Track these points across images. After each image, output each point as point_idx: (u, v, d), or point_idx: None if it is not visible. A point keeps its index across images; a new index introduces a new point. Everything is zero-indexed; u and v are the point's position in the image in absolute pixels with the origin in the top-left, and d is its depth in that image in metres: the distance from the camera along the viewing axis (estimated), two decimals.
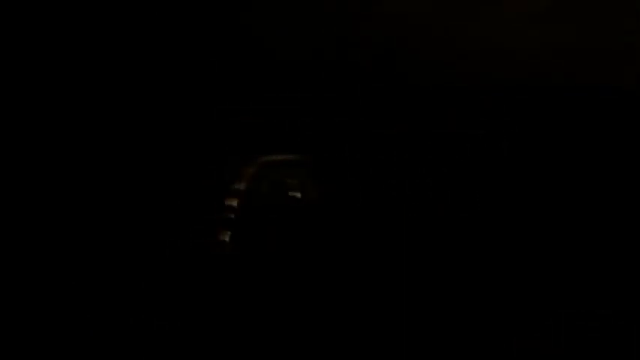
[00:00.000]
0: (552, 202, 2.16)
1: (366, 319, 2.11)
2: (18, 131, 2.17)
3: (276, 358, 2.02)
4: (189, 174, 2.18)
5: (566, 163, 2.17)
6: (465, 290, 2.15)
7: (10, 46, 2.18)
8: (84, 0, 2.17)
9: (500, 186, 2.19)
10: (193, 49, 2.20)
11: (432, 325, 2.13)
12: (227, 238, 2.05)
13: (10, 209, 2.14)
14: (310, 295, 2.06)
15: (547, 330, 2.12)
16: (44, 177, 2.16)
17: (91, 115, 2.19)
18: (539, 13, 2.09)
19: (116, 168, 2.18)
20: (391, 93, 2.22)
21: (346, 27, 2.18)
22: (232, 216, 2.05)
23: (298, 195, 2.08)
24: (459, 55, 2.18)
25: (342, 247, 2.11)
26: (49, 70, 2.19)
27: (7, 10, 2.17)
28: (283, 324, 2.04)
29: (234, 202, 2.06)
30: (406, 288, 2.16)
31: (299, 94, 2.21)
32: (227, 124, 2.19)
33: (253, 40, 2.21)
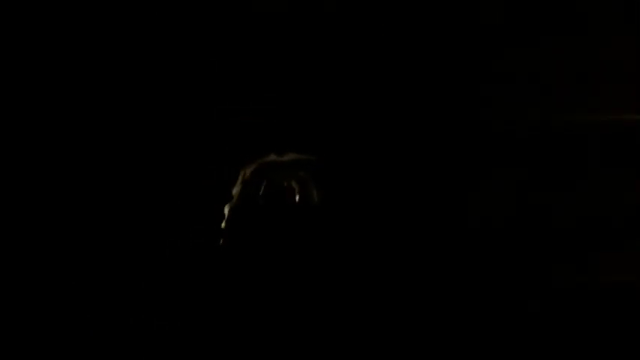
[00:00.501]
0: None
1: (369, 326, 2.08)
2: (18, 131, 2.16)
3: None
4: (185, 175, 2.16)
5: None
6: (469, 294, 2.15)
7: (9, 46, 2.18)
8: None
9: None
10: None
11: (433, 328, 2.12)
12: (223, 245, 1.96)
13: (9, 209, 2.14)
14: (310, 302, 2.01)
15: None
16: (43, 178, 2.15)
17: (89, 116, 2.19)
18: None
19: (113, 168, 2.17)
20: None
21: None
22: (229, 221, 1.95)
23: (298, 199, 1.98)
24: None
25: (346, 255, 2.04)
26: (48, 69, 2.18)
27: (6, 10, 2.17)
28: (282, 332, 2.00)
29: (231, 207, 1.96)
30: (411, 298, 2.13)
31: (297, 86, 2.18)
32: (222, 123, 2.18)
33: None
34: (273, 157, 1.97)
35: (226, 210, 1.95)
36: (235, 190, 1.95)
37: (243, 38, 2.19)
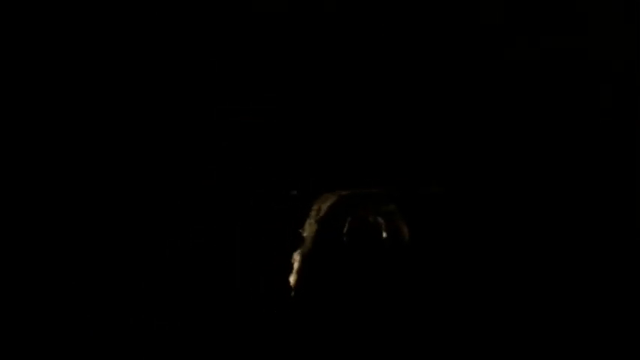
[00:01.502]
0: None
1: None
2: (17, 131, 2.17)
3: None
4: (185, 175, 2.16)
5: None
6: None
7: (9, 46, 2.18)
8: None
9: None
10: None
11: None
12: (294, 298, 1.62)
13: (9, 209, 2.14)
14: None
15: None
16: (43, 178, 2.15)
17: (88, 116, 2.19)
18: None
19: (112, 169, 2.17)
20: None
21: None
22: (300, 271, 1.62)
23: (386, 237, 1.64)
24: None
25: (443, 303, 1.71)
26: (48, 69, 2.18)
27: (7, 10, 2.17)
28: None
29: (303, 252, 1.63)
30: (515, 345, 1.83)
31: (297, 86, 2.16)
32: (222, 123, 2.17)
33: None
34: (354, 188, 1.67)
35: (296, 257, 1.65)
36: (308, 231, 1.66)
37: (243, 38, 2.20)
